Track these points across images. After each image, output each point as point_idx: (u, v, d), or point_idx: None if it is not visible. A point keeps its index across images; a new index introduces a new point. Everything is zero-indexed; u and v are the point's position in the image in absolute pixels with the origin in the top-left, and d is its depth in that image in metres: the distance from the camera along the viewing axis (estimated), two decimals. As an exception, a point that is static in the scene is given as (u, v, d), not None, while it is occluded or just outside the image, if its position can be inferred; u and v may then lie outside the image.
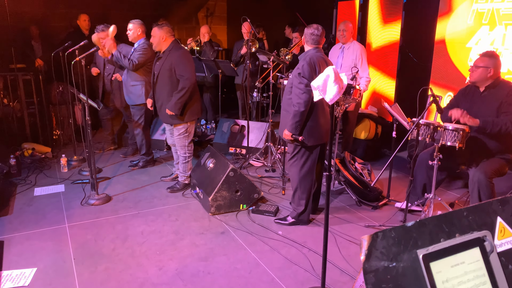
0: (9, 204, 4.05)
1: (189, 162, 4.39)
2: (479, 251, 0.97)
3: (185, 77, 3.99)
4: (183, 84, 3.99)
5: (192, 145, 4.37)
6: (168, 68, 4.03)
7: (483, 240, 0.99)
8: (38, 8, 6.61)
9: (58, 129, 5.93)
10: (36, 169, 4.96)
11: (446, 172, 3.79)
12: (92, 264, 3.05)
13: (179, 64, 4.00)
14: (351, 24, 5.00)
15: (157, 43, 4.07)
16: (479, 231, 1.00)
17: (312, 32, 3.38)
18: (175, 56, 4.01)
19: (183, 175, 4.42)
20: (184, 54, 4.07)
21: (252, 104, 6.27)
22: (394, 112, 3.89)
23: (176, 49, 4.07)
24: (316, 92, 2.34)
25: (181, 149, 4.31)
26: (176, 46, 4.10)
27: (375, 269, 0.87)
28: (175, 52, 4.03)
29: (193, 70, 4.11)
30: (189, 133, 4.26)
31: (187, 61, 4.05)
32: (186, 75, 4.00)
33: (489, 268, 0.96)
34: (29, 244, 3.33)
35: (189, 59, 4.10)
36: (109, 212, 3.91)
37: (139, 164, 5.07)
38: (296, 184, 3.59)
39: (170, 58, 4.03)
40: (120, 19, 4.60)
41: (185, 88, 3.99)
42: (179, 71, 4.00)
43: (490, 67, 3.37)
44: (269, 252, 3.24)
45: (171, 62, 4.01)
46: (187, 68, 4.02)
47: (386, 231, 0.91)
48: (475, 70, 3.44)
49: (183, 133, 4.23)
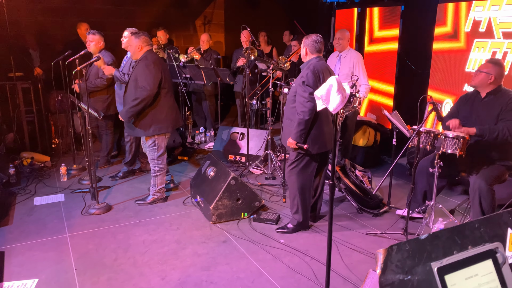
0: (9, 214, 4.03)
1: (158, 176, 4.22)
2: (491, 263, 0.98)
3: (142, 88, 3.88)
4: (138, 94, 3.88)
5: (163, 158, 4.21)
6: (134, 78, 3.96)
7: (495, 252, 1.00)
8: (37, 17, 6.63)
9: (57, 138, 5.92)
10: (36, 178, 4.95)
11: (446, 179, 3.81)
12: (94, 274, 3.04)
13: (141, 75, 3.90)
14: (348, 33, 5.04)
15: (133, 52, 4.02)
16: (491, 243, 1.01)
17: (315, 40, 3.42)
18: (139, 66, 3.94)
19: (152, 189, 4.29)
20: (147, 64, 3.91)
21: (252, 112, 6.28)
22: (394, 120, 3.91)
23: (143, 59, 3.96)
24: (319, 102, 2.35)
25: (151, 162, 4.20)
26: (146, 57, 3.97)
27: (391, 282, 0.88)
28: (141, 62, 3.95)
29: (154, 81, 3.89)
30: (158, 146, 4.12)
31: (148, 72, 3.89)
32: (143, 86, 3.87)
33: (501, 279, 0.97)
34: (30, 254, 3.31)
35: (151, 70, 3.90)
36: (110, 221, 3.90)
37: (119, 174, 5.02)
38: (294, 191, 3.60)
39: (137, 68, 3.97)
40: (117, 28, 4.62)
41: (139, 98, 3.87)
42: (140, 82, 3.89)
43: (492, 73, 3.40)
44: (271, 260, 3.24)
45: (136, 72, 3.95)
46: (146, 80, 3.87)
47: (400, 244, 0.92)
48: (478, 74, 3.49)
49: (151, 146, 4.12)
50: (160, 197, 4.32)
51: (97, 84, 4.90)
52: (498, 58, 3.68)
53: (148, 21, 7.53)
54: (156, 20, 7.62)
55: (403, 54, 5.52)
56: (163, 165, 4.23)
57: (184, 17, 8.32)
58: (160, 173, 4.23)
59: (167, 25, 7.12)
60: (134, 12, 7.64)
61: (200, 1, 8.44)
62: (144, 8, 7.75)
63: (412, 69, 5.41)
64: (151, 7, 7.82)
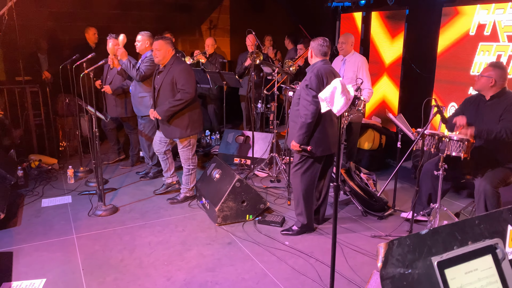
0: (17, 215, 4.08)
1: (192, 174, 4.39)
2: (491, 258, 1.00)
3: (186, 91, 4.03)
4: (182, 96, 4.02)
5: (195, 157, 4.39)
6: (169, 82, 4.06)
7: (495, 247, 1.02)
8: (45, 21, 6.72)
9: (64, 141, 5.98)
10: (43, 181, 5.00)
11: (451, 182, 3.81)
12: (101, 275, 3.07)
13: (180, 78, 4.03)
14: (352, 37, 5.05)
15: (163, 57, 4.08)
16: (491, 239, 1.03)
17: (320, 43, 3.45)
18: (177, 70, 4.05)
19: (185, 187, 4.42)
20: (186, 69, 4.12)
21: (257, 115, 6.32)
22: (398, 123, 3.93)
23: (178, 63, 4.10)
24: (324, 104, 2.38)
25: (185, 161, 4.33)
26: (178, 61, 4.14)
27: (391, 275, 0.90)
28: (177, 66, 4.07)
29: (194, 84, 4.14)
30: (192, 146, 4.30)
31: (189, 76, 4.10)
32: (186, 89, 4.03)
33: (501, 274, 0.99)
34: (38, 255, 3.35)
35: (190, 73, 4.14)
36: (116, 223, 3.94)
37: (150, 174, 5.11)
38: (298, 193, 3.62)
39: (172, 72, 4.06)
40: (124, 32, 4.67)
41: (182, 100, 4.02)
42: (180, 85, 4.04)
43: (492, 77, 3.41)
44: (276, 262, 3.25)
45: (173, 75, 4.05)
46: (188, 83, 4.05)
47: (401, 238, 0.94)
48: (480, 79, 3.50)
49: (186, 146, 4.27)
50: (191, 195, 4.45)
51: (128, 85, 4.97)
52: (499, 61, 3.68)
53: (154, 26, 7.59)
54: (162, 24, 7.68)
55: (408, 57, 5.53)
56: (195, 163, 4.40)
57: (190, 21, 8.39)
58: (193, 172, 4.40)
59: (173, 30, 7.19)
60: (141, 17, 7.72)
61: (206, 6, 8.52)
62: (151, 12, 7.83)
63: (417, 72, 5.42)
64: (157, 12, 7.90)
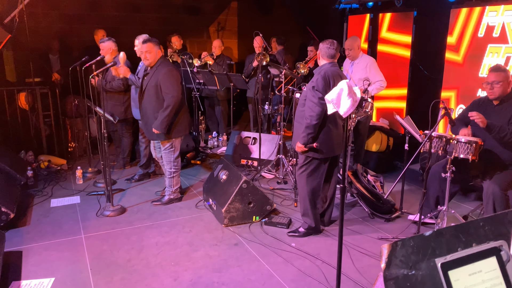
0: (26, 215, 4.14)
1: (174, 177, 4.35)
2: (495, 260, 1.00)
3: (170, 95, 3.99)
4: (168, 102, 3.99)
5: (179, 160, 4.35)
6: (154, 84, 4.03)
7: (500, 249, 1.01)
8: (55, 23, 6.80)
9: (73, 142, 6.05)
10: (52, 181, 5.06)
11: (459, 184, 3.79)
12: (108, 274, 3.10)
13: (165, 81, 4.00)
14: (359, 40, 5.02)
15: (154, 59, 4.07)
16: (495, 241, 1.02)
17: (328, 46, 3.45)
18: (161, 74, 4.01)
19: (169, 189, 4.40)
20: (170, 72, 4.04)
21: (264, 117, 6.33)
22: (406, 125, 3.91)
23: (163, 67, 4.06)
24: (330, 105, 2.38)
25: (167, 164, 4.30)
26: (164, 63, 4.10)
27: (395, 276, 0.91)
28: (162, 69, 4.03)
29: (179, 87, 4.07)
30: (175, 148, 4.25)
31: (173, 79, 4.03)
32: (171, 93, 3.99)
33: (506, 276, 0.99)
34: (47, 254, 3.39)
35: (175, 76, 4.07)
36: (124, 223, 3.97)
37: (135, 177, 5.11)
38: (304, 194, 3.62)
39: (157, 74, 4.04)
40: (133, 34, 4.72)
41: (170, 106, 3.99)
42: (164, 89, 4.00)
43: (506, 80, 3.39)
44: (282, 264, 3.26)
45: (158, 78, 4.02)
46: (173, 86, 4.01)
47: (405, 240, 0.95)
48: (496, 86, 3.42)
49: (168, 148, 4.23)
50: (175, 197, 4.45)
51: (113, 86, 4.99)
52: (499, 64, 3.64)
53: (162, 28, 7.66)
54: (170, 26, 7.74)
55: (415, 59, 5.51)
56: (178, 166, 4.36)
57: (198, 23, 8.44)
58: (176, 174, 4.36)
59: (181, 32, 7.24)
60: (149, 19, 7.78)
61: (213, 8, 8.56)
62: (159, 14, 7.89)
63: (425, 74, 5.40)
64: (165, 14, 7.96)
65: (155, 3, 7.78)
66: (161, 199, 4.44)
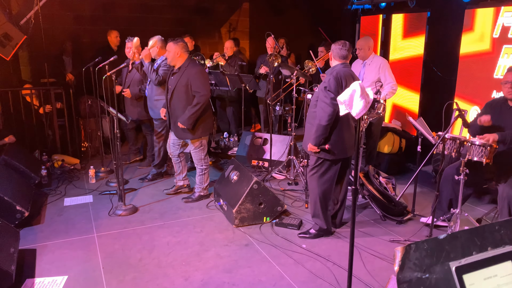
0: (40, 214, 4.19)
1: (205, 174, 4.49)
2: (511, 264, 0.98)
3: (201, 94, 4.11)
4: (198, 99, 4.11)
5: (208, 157, 4.48)
6: (184, 83, 4.13)
7: (516, 254, 1.00)
8: (70, 25, 6.89)
9: (86, 141, 6.12)
10: (66, 180, 5.13)
11: (472, 187, 3.74)
12: (120, 273, 3.13)
13: (195, 80, 4.11)
14: (371, 41, 4.98)
15: (171, 58, 4.18)
16: (511, 245, 1.01)
17: (340, 47, 3.44)
18: (192, 73, 4.13)
19: (200, 186, 4.52)
20: (201, 71, 4.21)
21: (275, 118, 6.32)
22: (419, 126, 3.87)
23: (193, 66, 4.18)
24: (343, 107, 2.37)
25: (198, 162, 4.42)
26: (192, 63, 4.22)
27: (408, 279, 0.90)
28: (192, 69, 4.15)
29: (208, 87, 4.24)
30: (204, 147, 4.38)
31: (204, 78, 4.19)
32: (202, 91, 4.11)
33: (522, 281, 0.97)
34: (60, 252, 3.44)
35: (205, 76, 4.25)
36: (136, 222, 4.00)
37: (149, 176, 5.15)
38: (315, 196, 3.61)
39: (186, 74, 4.14)
40: (145, 35, 4.76)
41: (200, 103, 4.10)
42: (195, 87, 4.12)
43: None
44: (293, 265, 3.25)
45: (188, 78, 4.12)
46: (203, 85, 4.15)
47: (419, 243, 0.94)
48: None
49: (198, 147, 4.34)
50: (205, 194, 4.55)
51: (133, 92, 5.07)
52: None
53: (174, 29, 7.70)
54: (182, 27, 7.78)
55: (429, 60, 5.46)
56: (208, 163, 4.50)
57: (210, 24, 8.47)
58: (206, 172, 4.50)
59: (193, 33, 7.27)
60: (161, 20, 7.83)
61: (225, 9, 8.58)
62: (171, 15, 7.94)
63: (438, 75, 5.34)
64: (177, 15, 8.00)
65: (168, 4, 7.84)
66: (191, 195, 4.54)
